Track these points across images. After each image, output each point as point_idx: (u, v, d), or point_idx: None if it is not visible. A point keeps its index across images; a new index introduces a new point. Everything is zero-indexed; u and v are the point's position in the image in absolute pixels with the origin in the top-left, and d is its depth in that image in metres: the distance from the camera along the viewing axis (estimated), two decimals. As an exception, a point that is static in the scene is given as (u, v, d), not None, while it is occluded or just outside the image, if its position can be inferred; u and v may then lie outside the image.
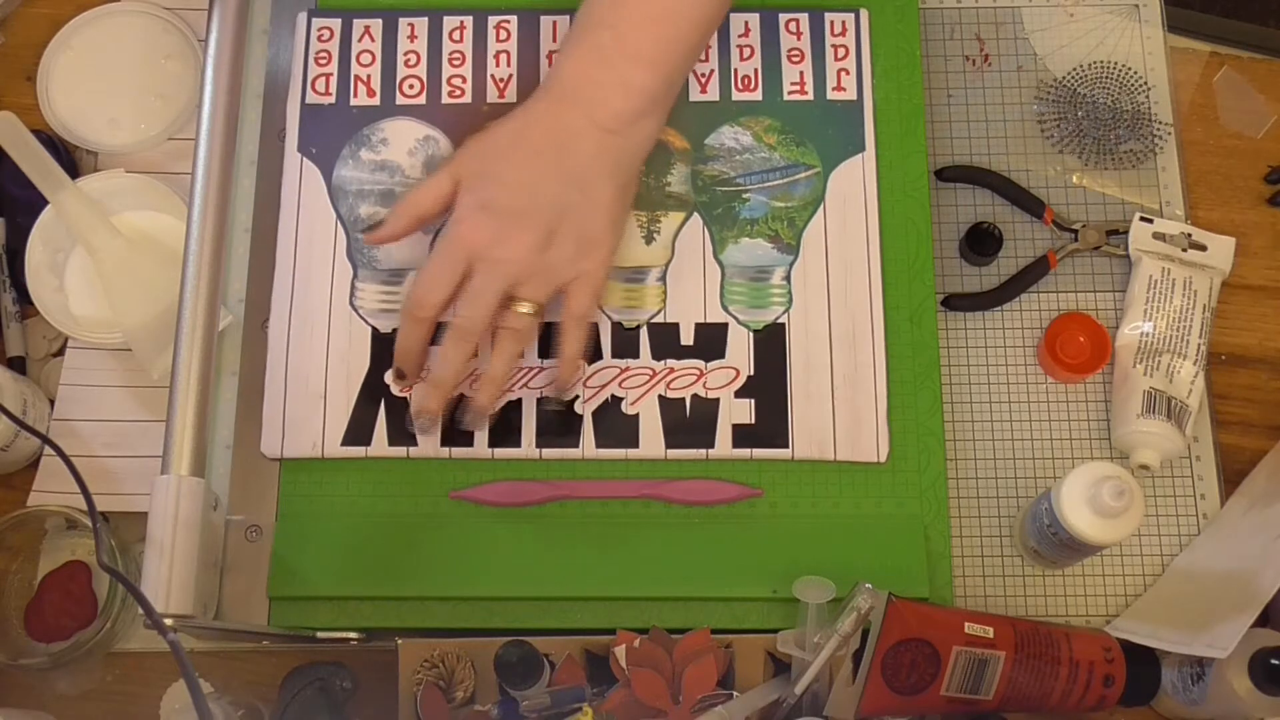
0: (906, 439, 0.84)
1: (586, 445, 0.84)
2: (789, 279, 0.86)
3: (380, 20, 0.92)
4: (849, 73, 0.90)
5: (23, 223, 0.91)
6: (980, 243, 0.90)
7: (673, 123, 0.89)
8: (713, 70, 0.90)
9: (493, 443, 0.84)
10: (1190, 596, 0.83)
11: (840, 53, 0.91)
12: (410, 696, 0.79)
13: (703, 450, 0.84)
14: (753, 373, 0.85)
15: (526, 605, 0.82)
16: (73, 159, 0.94)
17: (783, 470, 0.84)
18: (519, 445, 0.84)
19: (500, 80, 0.90)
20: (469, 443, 0.84)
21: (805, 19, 0.91)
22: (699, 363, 0.85)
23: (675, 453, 0.84)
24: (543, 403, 0.84)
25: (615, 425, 0.84)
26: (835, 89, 0.90)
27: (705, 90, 0.90)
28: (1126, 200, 0.93)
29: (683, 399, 0.84)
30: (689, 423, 0.84)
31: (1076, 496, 0.78)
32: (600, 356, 0.85)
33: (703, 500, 0.83)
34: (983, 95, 0.95)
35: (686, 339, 0.86)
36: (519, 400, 0.84)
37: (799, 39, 0.91)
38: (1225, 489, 0.88)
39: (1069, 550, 0.81)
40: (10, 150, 0.88)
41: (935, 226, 0.91)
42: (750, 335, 0.85)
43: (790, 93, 0.90)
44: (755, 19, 0.91)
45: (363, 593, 0.82)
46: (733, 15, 0.91)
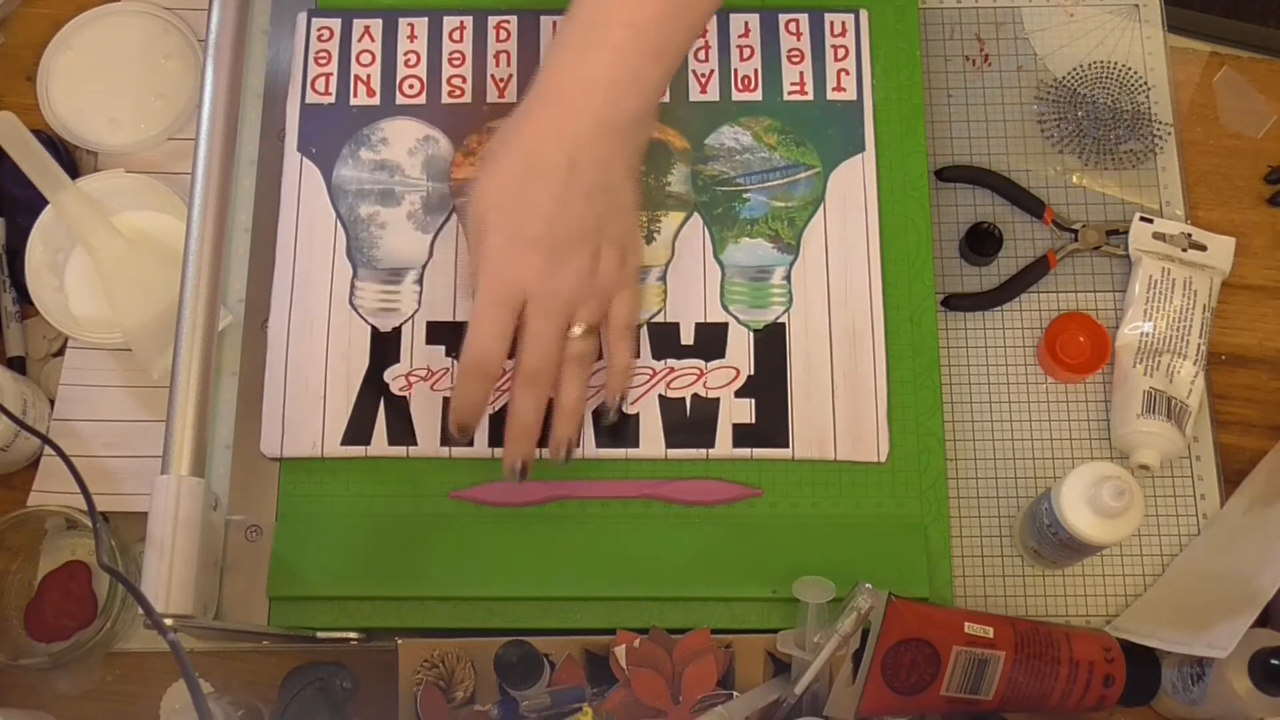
0: (906, 439, 0.84)
1: (586, 445, 0.84)
2: (789, 279, 0.86)
3: (380, 20, 0.92)
4: (849, 73, 0.90)
5: (23, 223, 0.91)
6: (980, 243, 0.90)
7: (673, 123, 0.89)
8: (713, 70, 0.90)
9: (493, 443, 0.83)
10: (1190, 596, 0.83)
11: (840, 53, 0.91)
12: (410, 696, 0.79)
13: (703, 450, 0.84)
14: (753, 372, 0.85)
15: (526, 605, 0.82)
16: (73, 159, 0.94)
17: (783, 470, 0.84)
18: (519, 445, 0.84)
19: (500, 80, 0.90)
20: (469, 443, 0.83)
21: (805, 19, 0.91)
22: (699, 362, 0.85)
23: (675, 452, 0.84)
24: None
25: (615, 425, 0.84)
26: (835, 89, 0.90)
27: (705, 90, 0.90)
28: (1126, 200, 0.93)
29: (683, 399, 0.84)
30: (689, 422, 0.84)
31: (1076, 496, 0.78)
32: (600, 356, 0.85)
33: (703, 500, 0.83)
34: (983, 95, 0.95)
35: (687, 339, 0.86)
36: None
37: (799, 39, 0.91)
38: (1225, 489, 0.88)
39: (1069, 550, 0.81)
40: (10, 150, 0.88)
41: (935, 226, 0.91)
42: (750, 335, 0.85)
43: (790, 93, 0.90)
44: (755, 19, 0.91)
45: (363, 593, 0.82)
46: (733, 15, 0.91)
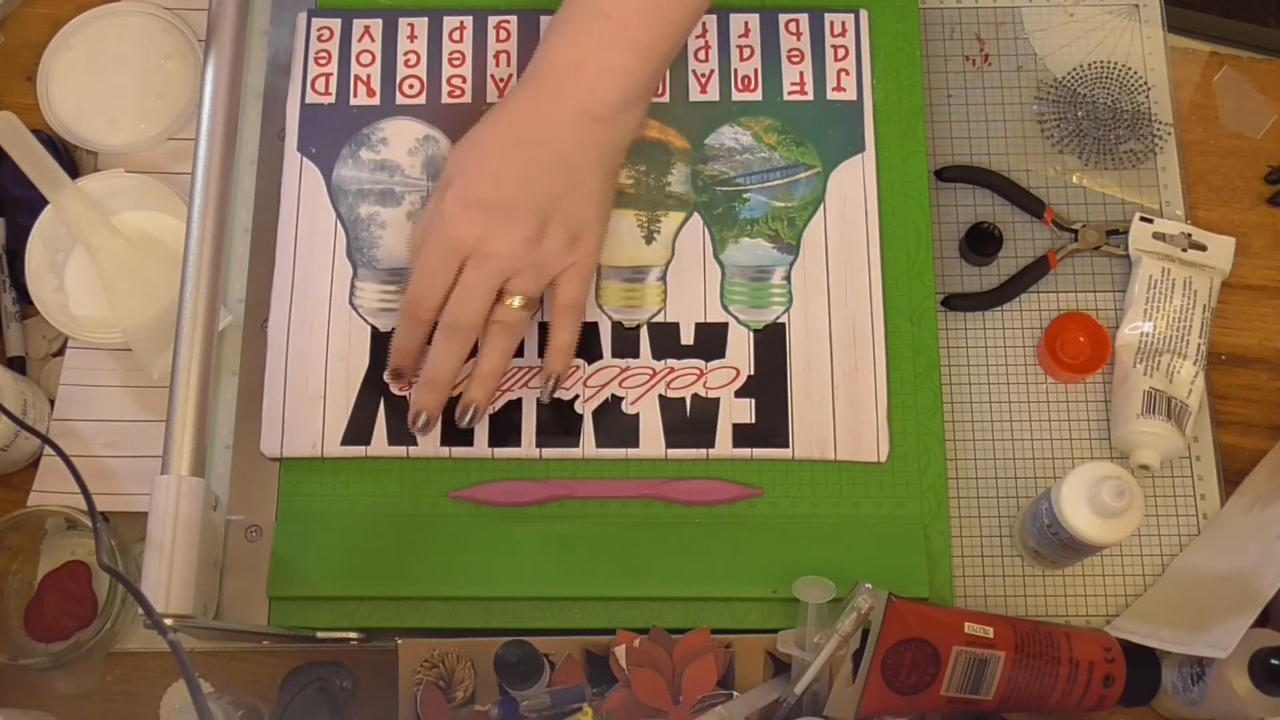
0: (906, 439, 0.84)
1: (587, 445, 0.84)
2: (789, 279, 0.86)
3: (380, 20, 0.92)
4: (849, 73, 0.90)
5: (23, 223, 0.91)
6: (980, 243, 0.90)
7: (673, 123, 0.89)
8: (713, 70, 0.90)
9: (493, 442, 0.84)
10: (1190, 596, 0.83)
11: (840, 53, 0.91)
12: (410, 696, 0.79)
13: (703, 450, 0.84)
14: (753, 372, 0.85)
15: (526, 605, 0.82)
16: (73, 159, 0.94)
17: (783, 470, 0.84)
18: (519, 445, 0.84)
19: (500, 80, 0.90)
20: (469, 442, 0.83)
21: (805, 19, 0.91)
22: (699, 362, 0.85)
23: (675, 452, 0.84)
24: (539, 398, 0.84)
25: (615, 425, 0.84)
26: (835, 89, 0.90)
27: (705, 90, 0.90)
28: (1126, 200, 0.93)
29: (683, 399, 0.84)
30: (689, 422, 0.84)
31: (1076, 496, 0.78)
32: (600, 356, 0.85)
33: (703, 500, 0.83)
34: (983, 95, 0.95)
35: (687, 339, 0.86)
36: (519, 400, 0.84)
37: (799, 39, 0.91)
38: (1225, 489, 0.88)
39: (1069, 550, 0.81)
40: (10, 150, 0.88)
41: (935, 226, 0.91)
42: (750, 335, 0.85)
43: (790, 93, 0.90)
44: (755, 19, 0.91)
45: (363, 593, 0.82)
46: (733, 15, 0.91)
